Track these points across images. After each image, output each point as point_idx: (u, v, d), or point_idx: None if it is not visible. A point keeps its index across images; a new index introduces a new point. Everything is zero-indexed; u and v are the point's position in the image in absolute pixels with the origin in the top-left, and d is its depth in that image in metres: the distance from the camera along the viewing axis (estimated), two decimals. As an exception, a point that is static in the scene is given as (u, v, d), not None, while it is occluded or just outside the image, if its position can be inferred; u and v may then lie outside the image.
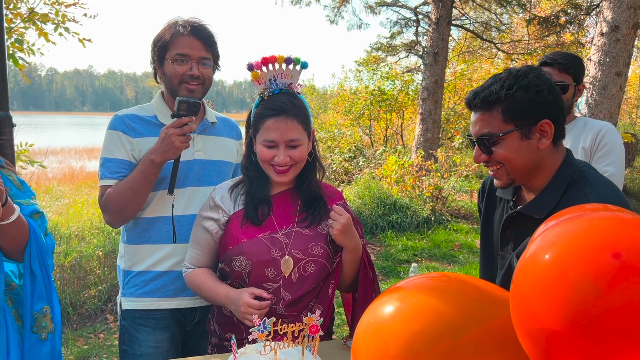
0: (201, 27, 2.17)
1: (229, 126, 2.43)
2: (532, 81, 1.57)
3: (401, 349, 1.18)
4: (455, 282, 1.37)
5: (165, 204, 2.19)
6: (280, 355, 1.55)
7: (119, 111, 2.26)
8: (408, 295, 1.33)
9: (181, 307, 2.23)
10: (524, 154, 1.60)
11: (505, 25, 14.38)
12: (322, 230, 1.96)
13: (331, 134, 13.50)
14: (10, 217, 1.74)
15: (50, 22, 5.19)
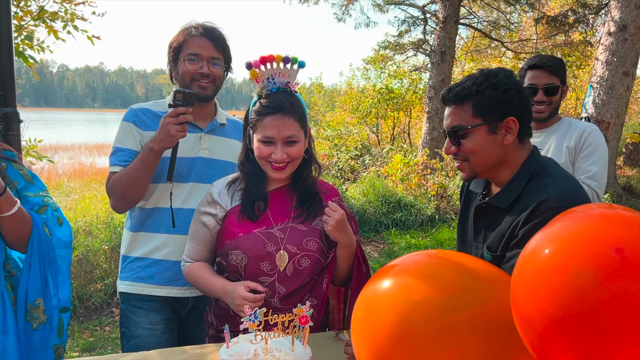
0: (212, 29, 2.30)
1: (238, 129, 2.48)
2: (501, 80, 1.68)
3: (400, 319, 1.18)
4: (454, 260, 1.37)
5: (165, 196, 2.29)
6: (271, 344, 1.61)
7: (135, 104, 2.38)
8: (406, 269, 1.33)
9: (171, 295, 2.32)
10: (489, 148, 1.69)
11: (514, 24, 14.33)
12: (316, 226, 2.01)
13: (338, 132, 13.54)
14: (10, 210, 1.79)
15: (60, 20, 5.27)
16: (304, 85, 16.30)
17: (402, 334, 1.13)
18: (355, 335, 1.26)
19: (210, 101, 2.36)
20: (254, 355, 1.56)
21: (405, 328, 1.15)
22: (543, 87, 2.76)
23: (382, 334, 1.17)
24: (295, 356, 1.57)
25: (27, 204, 1.92)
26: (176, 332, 2.43)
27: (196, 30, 2.27)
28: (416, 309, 1.18)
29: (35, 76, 5.62)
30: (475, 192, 1.90)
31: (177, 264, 2.27)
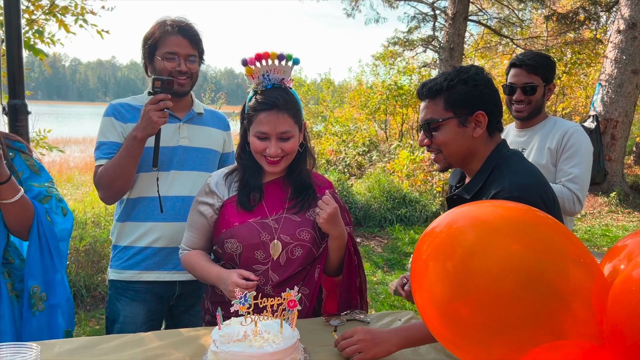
0: (188, 27, 2.37)
1: (216, 118, 2.62)
2: (471, 76, 1.77)
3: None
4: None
5: (149, 185, 2.38)
6: (261, 326, 1.68)
7: (114, 100, 2.48)
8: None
9: (160, 279, 2.42)
10: (460, 140, 1.78)
11: (524, 21, 14.25)
12: (310, 217, 2.08)
13: (347, 128, 13.56)
14: (13, 197, 1.86)
15: (70, 14, 5.37)
16: (313, 81, 16.31)
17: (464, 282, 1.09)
18: (415, 288, 1.21)
19: (187, 95, 2.47)
20: (244, 336, 1.63)
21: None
22: (521, 86, 2.74)
23: (444, 283, 1.13)
24: (283, 338, 1.64)
25: (30, 193, 1.99)
26: (159, 322, 2.54)
27: (172, 27, 2.34)
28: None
29: (48, 68, 5.73)
30: (451, 185, 1.98)
31: (164, 250, 2.39)
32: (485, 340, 1.07)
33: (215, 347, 1.62)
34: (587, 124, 9.27)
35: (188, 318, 2.53)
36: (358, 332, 1.73)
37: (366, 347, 1.69)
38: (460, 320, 1.08)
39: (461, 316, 1.07)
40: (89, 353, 1.73)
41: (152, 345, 1.78)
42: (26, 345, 1.34)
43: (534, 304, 1.03)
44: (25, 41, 5.01)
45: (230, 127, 2.70)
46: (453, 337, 1.13)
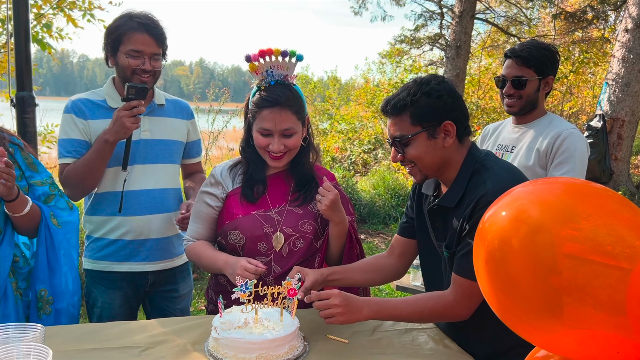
0: (154, 25, 2.37)
1: (178, 107, 2.62)
2: (433, 87, 1.76)
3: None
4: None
5: (115, 181, 2.41)
6: (261, 314, 1.71)
7: (73, 96, 2.48)
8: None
9: (131, 270, 2.47)
10: (432, 152, 1.78)
11: (532, 19, 14.18)
12: (312, 209, 2.11)
13: (352, 125, 13.57)
14: (24, 209, 1.88)
15: (78, 9, 5.41)
16: (320, 79, 16.30)
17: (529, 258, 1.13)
18: (478, 265, 1.27)
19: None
20: (244, 323, 1.66)
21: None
22: (511, 79, 2.58)
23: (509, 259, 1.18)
24: (283, 326, 1.67)
25: (34, 194, 2.01)
26: (137, 305, 2.61)
27: (138, 25, 2.33)
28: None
29: (57, 62, 5.79)
30: (427, 195, 1.97)
31: (133, 242, 2.44)
32: (548, 311, 1.11)
33: (216, 333, 1.65)
34: (593, 123, 9.25)
35: (165, 303, 2.60)
36: (334, 297, 1.74)
37: (338, 314, 1.73)
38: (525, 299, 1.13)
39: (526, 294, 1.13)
40: (93, 339, 1.77)
41: (155, 332, 1.82)
42: (30, 326, 1.37)
43: (598, 281, 1.06)
44: (33, 35, 5.06)
45: (194, 116, 2.70)
46: (518, 310, 1.19)
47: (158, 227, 2.47)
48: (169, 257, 2.54)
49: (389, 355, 1.74)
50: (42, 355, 1.21)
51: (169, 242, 2.52)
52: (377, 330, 1.90)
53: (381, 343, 1.82)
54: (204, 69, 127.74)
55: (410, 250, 2.13)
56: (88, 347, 1.70)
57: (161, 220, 2.48)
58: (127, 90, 2.26)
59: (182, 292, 2.64)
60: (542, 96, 2.65)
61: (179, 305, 2.63)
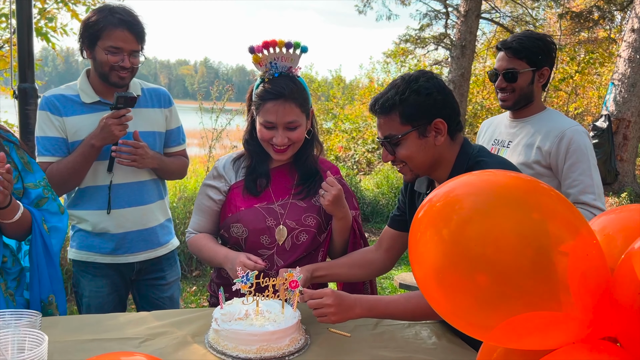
0: (135, 22, 2.33)
1: (155, 96, 2.58)
2: (422, 85, 1.71)
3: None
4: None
5: (96, 174, 2.40)
6: (262, 306, 1.69)
7: (47, 92, 2.45)
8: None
9: (114, 262, 2.47)
10: (423, 151, 1.74)
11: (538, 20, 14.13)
12: (315, 203, 2.09)
13: (356, 125, 13.54)
14: (14, 216, 1.84)
15: (81, 4, 5.40)
16: (324, 79, 16.27)
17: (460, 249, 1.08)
18: (413, 255, 1.21)
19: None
20: (245, 315, 1.64)
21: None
22: (502, 72, 2.50)
23: (440, 250, 1.11)
24: (285, 318, 1.65)
25: (27, 198, 1.97)
26: (125, 293, 2.60)
27: (119, 21, 2.28)
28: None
29: (61, 57, 5.77)
30: (419, 192, 1.94)
31: (116, 235, 2.43)
32: (482, 308, 1.06)
33: (217, 325, 1.63)
34: (599, 123, 9.20)
35: (152, 291, 2.60)
36: (327, 296, 1.71)
37: (330, 313, 1.70)
38: (456, 288, 1.08)
39: (457, 284, 1.07)
40: (92, 330, 1.75)
41: (155, 324, 1.80)
42: (27, 312, 1.36)
43: (529, 272, 1.02)
44: (38, 29, 5.06)
45: (173, 102, 2.64)
46: (451, 305, 1.13)
47: (139, 219, 2.47)
48: (152, 247, 2.54)
49: (391, 349, 1.71)
50: (37, 341, 1.19)
51: (152, 233, 2.52)
52: (380, 324, 1.88)
53: (384, 337, 1.79)
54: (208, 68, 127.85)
55: (399, 244, 2.10)
56: (87, 338, 1.68)
57: (141, 212, 2.47)
58: (117, 99, 2.25)
59: (169, 279, 2.64)
60: (538, 89, 2.56)
61: (166, 293, 2.63)
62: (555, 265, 1.02)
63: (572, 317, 1.04)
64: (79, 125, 2.35)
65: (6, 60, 5.05)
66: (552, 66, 2.55)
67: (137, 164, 2.35)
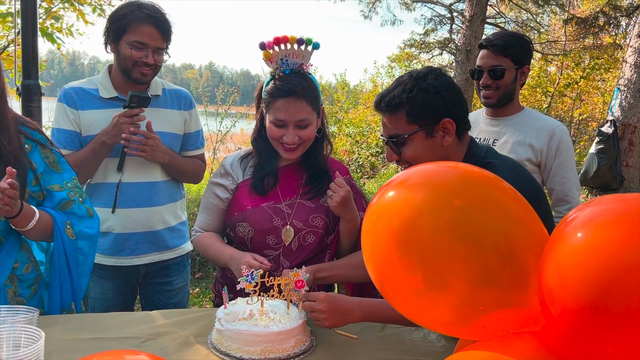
0: (162, 18, 2.31)
1: (176, 97, 2.53)
2: (430, 83, 1.64)
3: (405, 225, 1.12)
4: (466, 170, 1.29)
5: (105, 172, 2.37)
6: (267, 306, 1.65)
7: (67, 84, 2.43)
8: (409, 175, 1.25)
9: (119, 264, 2.41)
10: (430, 151, 1.68)
11: (543, 26, 14.10)
12: (323, 203, 2.05)
13: (360, 129, 13.51)
14: (28, 224, 1.77)
15: (87, 4, 5.40)
16: (328, 83, 16.25)
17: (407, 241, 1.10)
18: (364, 246, 1.23)
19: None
20: (249, 315, 1.60)
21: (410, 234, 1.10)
22: (488, 69, 2.50)
23: (387, 241, 1.13)
24: (290, 319, 1.61)
25: (51, 201, 1.89)
26: (132, 297, 2.55)
27: (146, 16, 2.26)
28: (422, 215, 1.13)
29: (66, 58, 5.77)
30: None
31: (121, 235, 2.38)
32: (429, 299, 1.08)
33: (220, 325, 1.59)
34: (604, 129, 9.14)
35: (158, 297, 2.54)
36: (319, 301, 1.66)
37: (323, 318, 1.65)
38: (404, 278, 1.10)
39: (406, 274, 1.09)
40: (92, 329, 1.71)
41: (157, 323, 1.76)
42: (24, 308, 1.32)
43: (474, 261, 1.03)
44: (43, 30, 5.05)
45: (194, 105, 2.61)
46: (397, 296, 1.16)
47: (146, 220, 2.41)
48: (158, 250, 2.47)
49: (399, 352, 1.67)
50: (34, 337, 1.15)
51: (158, 236, 2.45)
52: (387, 326, 1.83)
53: (391, 339, 1.75)
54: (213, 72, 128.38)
55: None
56: (87, 337, 1.64)
57: (149, 213, 2.41)
58: (130, 98, 2.23)
59: (176, 285, 2.57)
60: (518, 87, 2.58)
61: (173, 300, 2.56)
62: (500, 256, 1.05)
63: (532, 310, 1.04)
64: (93, 120, 2.32)
65: (11, 59, 5.05)
66: (529, 65, 2.60)
67: (146, 154, 2.29)
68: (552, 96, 12.66)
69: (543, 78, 12.95)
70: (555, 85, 12.74)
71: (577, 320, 0.90)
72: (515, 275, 1.05)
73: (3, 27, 5.01)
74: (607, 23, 11.82)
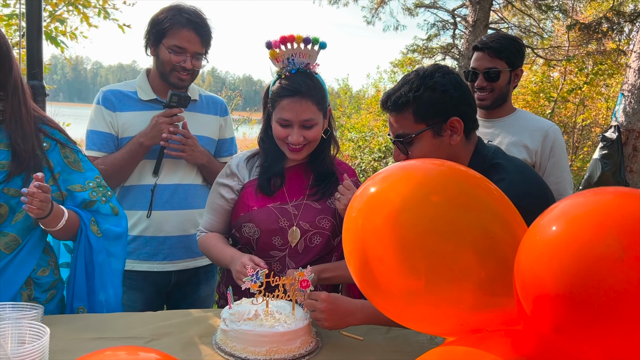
0: (202, 23, 2.31)
1: (212, 103, 2.54)
2: (437, 81, 1.62)
3: (389, 221, 1.11)
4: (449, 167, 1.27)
5: (140, 174, 2.34)
6: (272, 307, 1.63)
7: (105, 86, 2.42)
8: (393, 171, 1.24)
9: (152, 270, 2.37)
10: (437, 151, 1.65)
11: (547, 32, 14.10)
12: (330, 205, 2.03)
13: (363, 134, 13.50)
14: (58, 224, 1.75)
15: (92, 8, 5.42)
16: (331, 89, 16.28)
17: (392, 238, 1.09)
18: (345, 243, 1.22)
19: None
20: (255, 315, 1.59)
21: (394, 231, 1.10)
22: (483, 71, 2.50)
23: (372, 238, 1.13)
24: (295, 319, 1.59)
25: (73, 202, 1.87)
26: (159, 309, 2.46)
27: (187, 21, 2.25)
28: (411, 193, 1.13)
29: (69, 62, 5.79)
30: None
31: (155, 239, 2.34)
32: (411, 298, 1.08)
33: (225, 325, 1.57)
34: (608, 135, 9.11)
35: (182, 306, 2.46)
36: (320, 301, 1.63)
37: (323, 319, 1.63)
38: (386, 276, 1.09)
39: (387, 272, 1.09)
40: (96, 329, 1.70)
41: (161, 324, 1.75)
42: (29, 305, 1.30)
43: (452, 257, 1.03)
44: (47, 33, 5.06)
45: (228, 112, 2.62)
46: (377, 296, 1.16)
47: (180, 223, 2.38)
48: (191, 257, 2.43)
49: (405, 354, 1.65)
50: (39, 333, 1.14)
51: (192, 241, 2.39)
52: (394, 328, 1.81)
53: (397, 341, 1.73)
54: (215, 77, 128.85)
55: None
56: (91, 337, 1.63)
57: (184, 216, 2.38)
58: (170, 97, 2.23)
59: (202, 294, 2.53)
60: (512, 89, 2.60)
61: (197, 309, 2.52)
62: (477, 252, 1.05)
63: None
64: (130, 122, 2.31)
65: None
66: (522, 67, 2.62)
67: (186, 155, 2.29)
68: (555, 102, 12.64)
69: (546, 83, 12.93)
70: (558, 91, 12.72)
71: (549, 311, 0.89)
72: (494, 273, 1.05)
73: (8, 30, 5.03)
74: (610, 29, 11.83)
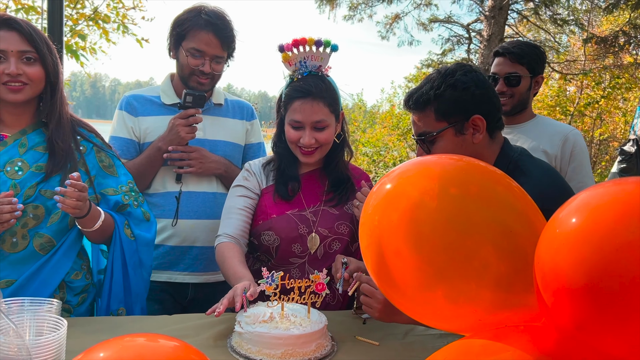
0: (222, 26, 2.21)
1: (238, 107, 2.48)
2: (458, 79, 1.62)
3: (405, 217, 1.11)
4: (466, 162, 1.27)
5: (164, 180, 2.29)
6: (287, 310, 1.62)
7: (129, 92, 2.39)
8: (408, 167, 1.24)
9: (171, 280, 2.30)
10: (460, 149, 1.64)
11: (562, 46, 14.03)
12: (348, 210, 2.03)
13: (377, 149, 13.49)
14: (94, 225, 1.76)
15: (112, 22, 5.53)
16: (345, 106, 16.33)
17: (408, 232, 1.09)
18: (362, 237, 1.22)
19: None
20: (270, 317, 1.58)
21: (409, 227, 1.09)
22: (504, 76, 2.50)
23: (388, 233, 1.12)
24: (311, 322, 1.58)
25: (106, 205, 1.88)
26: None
27: (205, 22, 2.17)
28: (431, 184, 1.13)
29: (88, 75, 5.91)
30: None
31: (176, 248, 2.27)
32: (427, 294, 1.07)
33: (240, 328, 1.57)
34: (627, 148, 8.97)
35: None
36: (377, 298, 1.64)
37: (378, 309, 1.65)
38: (402, 271, 1.09)
39: (403, 267, 1.08)
40: (112, 332, 1.69)
41: (176, 327, 1.74)
42: (47, 300, 1.32)
43: (471, 252, 1.03)
44: (68, 46, 5.17)
45: (255, 117, 2.55)
46: (393, 291, 1.15)
47: (206, 233, 2.29)
48: (212, 270, 2.33)
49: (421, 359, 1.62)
50: (56, 325, 1.15)
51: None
52: (410, 333, 1.79)
53: (414, 347, 1.70)
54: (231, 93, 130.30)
55: None
56: (106, 338, 1.62)
57: (210, 226, 2.28)
58: (184, 97, 2.16)
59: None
60: (532, 96, 2.60)
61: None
62: (495, 245, 1.04)
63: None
64: (153, 126, 2.27)
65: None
66: (543, 75, 2.63)
67: (195, 169, 2.23)
68: (572, 115, 12.53)
69: (562, 97, 12.84)
70: (575, 105, 12.62)
71: (570, 304, 0.87)
72: (514, 268, 1.04)
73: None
74: (627, 42, 11.75)
